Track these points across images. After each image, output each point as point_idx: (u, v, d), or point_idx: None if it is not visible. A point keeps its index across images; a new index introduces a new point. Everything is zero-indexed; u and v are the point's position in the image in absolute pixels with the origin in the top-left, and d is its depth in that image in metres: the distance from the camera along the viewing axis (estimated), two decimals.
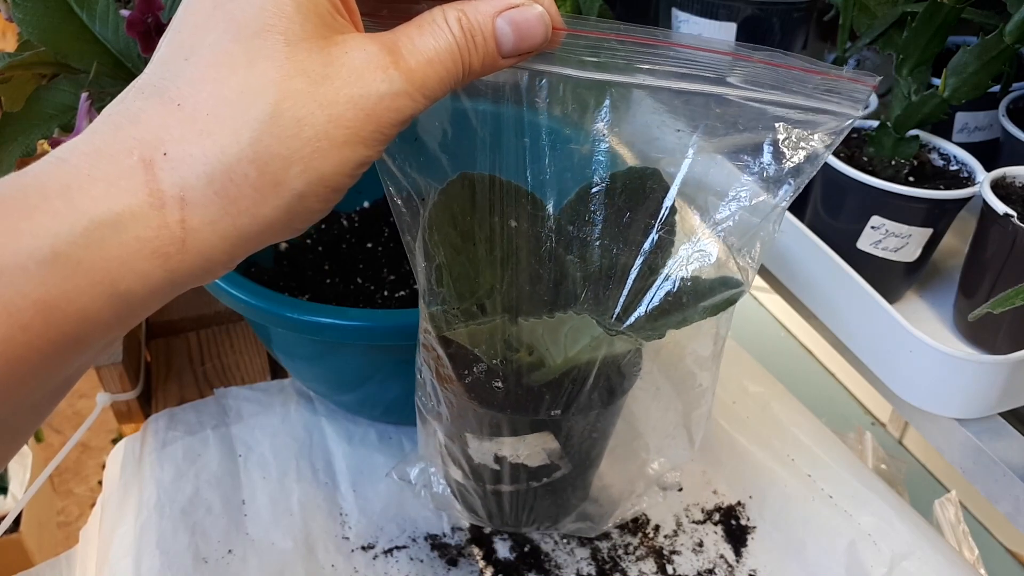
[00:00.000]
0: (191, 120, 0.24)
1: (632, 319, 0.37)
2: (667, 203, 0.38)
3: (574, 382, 0.40)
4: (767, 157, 0.35)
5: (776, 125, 0.34)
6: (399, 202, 0.38)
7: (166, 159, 0.24)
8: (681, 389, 0.44)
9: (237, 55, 0.24)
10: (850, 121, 0.33)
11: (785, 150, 0.34)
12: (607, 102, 0.36)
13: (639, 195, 0.38)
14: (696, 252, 0.37)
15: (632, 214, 0.38)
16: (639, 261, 0.38)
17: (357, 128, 0.25)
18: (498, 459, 0.43)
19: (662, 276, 0.37)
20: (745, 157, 0.35)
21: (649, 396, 0.45)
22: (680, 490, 0.54)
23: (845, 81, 0.32)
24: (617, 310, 0.38)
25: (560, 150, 0.38)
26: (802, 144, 0.34)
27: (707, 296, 0.37)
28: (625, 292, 0.38)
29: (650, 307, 0.37)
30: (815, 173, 0.35)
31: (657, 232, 0.38)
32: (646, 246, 0.38)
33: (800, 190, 0.35)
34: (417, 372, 0.43)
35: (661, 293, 0.37)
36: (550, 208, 0.39)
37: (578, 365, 0.39)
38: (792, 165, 0.34)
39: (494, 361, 0.40)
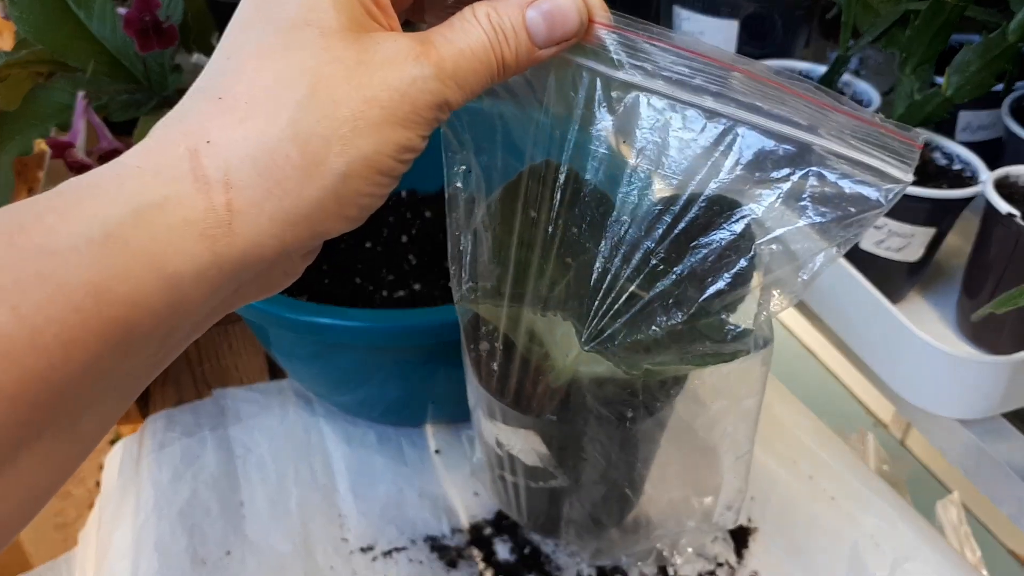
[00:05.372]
0: (231, 109, 0.25)
1: (605, 338, 0.34)
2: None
3: (568, 392, 0.39)
4: (808, 210, 0.30)
5: (820, 174, 0.30)
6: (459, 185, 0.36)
7: (209, 146, 0.25)
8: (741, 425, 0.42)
9: (274, 47, 0.26)
10: (900, 187, 0.29)
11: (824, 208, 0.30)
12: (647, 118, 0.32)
13: (712, 222, 0.33)
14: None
15: (702, 237, 0.33)
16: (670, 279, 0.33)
17: (393, 108, 0.26)
18: (499, 444, 0.43)
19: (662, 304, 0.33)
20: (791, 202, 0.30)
21: (718, 432, 0.42)
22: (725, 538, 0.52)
23: (889, 134, 0.29)
24: (592, 323, 0.34)
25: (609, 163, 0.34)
26: (841, 211, 0.29)
27: (696, 342, 0.33)
28: (605, 306, 0.34)
29: (625, 334, 0.33)
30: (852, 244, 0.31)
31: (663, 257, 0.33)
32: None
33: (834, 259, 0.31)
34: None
35: (650, 319, 0.33)
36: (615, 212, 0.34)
37: (577, 376, 0.39)
38: (834, 227, 0.30)
39: (522, 354, 0.39)
